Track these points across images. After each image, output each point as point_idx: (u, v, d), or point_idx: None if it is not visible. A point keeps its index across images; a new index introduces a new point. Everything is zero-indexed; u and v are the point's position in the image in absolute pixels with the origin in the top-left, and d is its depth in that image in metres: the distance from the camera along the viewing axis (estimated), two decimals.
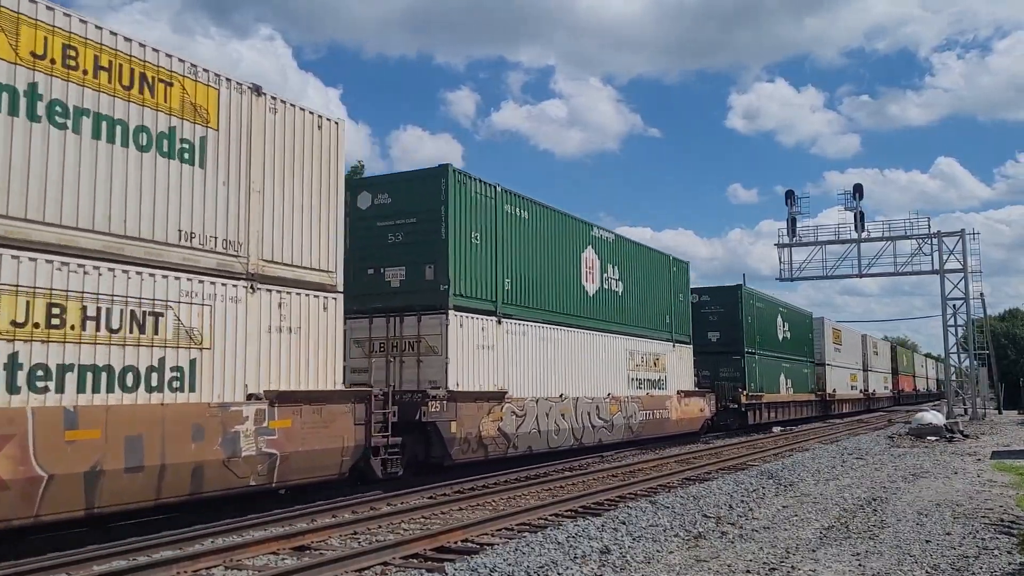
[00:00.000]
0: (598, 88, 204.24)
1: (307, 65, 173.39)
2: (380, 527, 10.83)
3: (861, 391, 53.22)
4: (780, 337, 37.49)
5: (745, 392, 31.65)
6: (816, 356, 44.00)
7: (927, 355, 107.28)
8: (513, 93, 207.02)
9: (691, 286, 28.39)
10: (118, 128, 9.71)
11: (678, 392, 25.92)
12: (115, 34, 9.83)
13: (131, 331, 9.52)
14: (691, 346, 27.79)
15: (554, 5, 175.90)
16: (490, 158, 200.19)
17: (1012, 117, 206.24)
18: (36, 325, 8.60)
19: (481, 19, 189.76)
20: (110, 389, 9.23)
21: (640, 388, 23.17)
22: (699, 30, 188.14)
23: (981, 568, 8.21)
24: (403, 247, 16.09)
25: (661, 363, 24.89)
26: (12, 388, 8.33)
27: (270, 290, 11.48)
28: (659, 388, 24.53)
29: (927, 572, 8.11)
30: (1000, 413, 52.25)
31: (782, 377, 36.79)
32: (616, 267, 22.38)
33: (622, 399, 21.89)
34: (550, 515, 11.70)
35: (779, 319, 37.82)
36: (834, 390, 45.54)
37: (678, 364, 26.34)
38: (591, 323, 20.73)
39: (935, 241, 42.24)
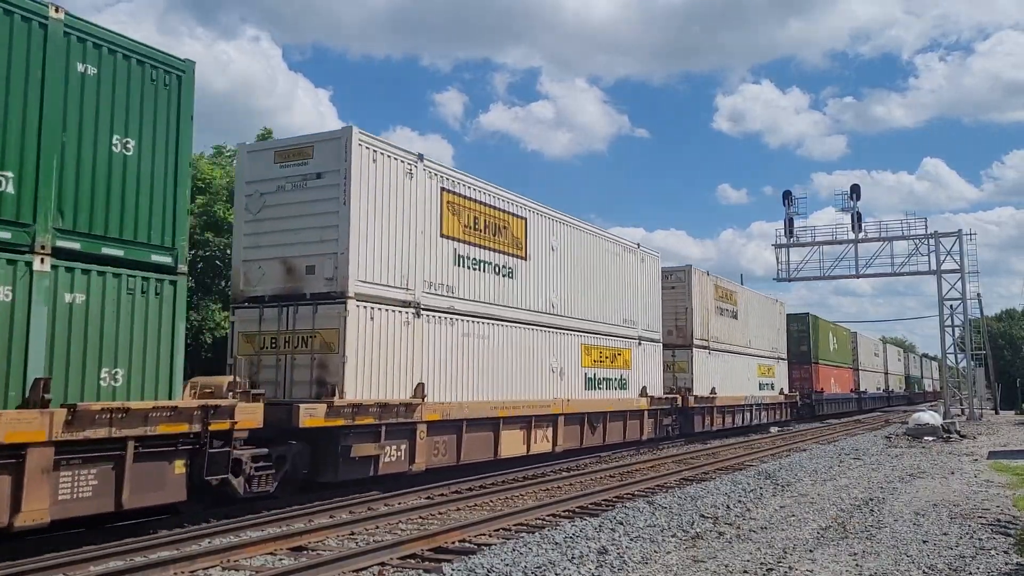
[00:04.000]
0: (584, 89, 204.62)
1: (296, 66, 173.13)
2: (378, 527, 10.83)
3: (667, 393, 25.67)
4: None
5: None
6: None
7: (884, 340, 76.53)
8: (500, 94, 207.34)
9: None
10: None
11: None
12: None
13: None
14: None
15: (537, 6, 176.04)
16: (480, 159, 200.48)
17: (996, 119, 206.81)
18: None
19: (464, 20, 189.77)
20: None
21: None
22: (684, 32, 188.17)
23: (978, 568, 8.22)
24: None
25: None
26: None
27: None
28: None
29: (924, 572, 8.12)
30: (997, 413, 52.35)
31: None
32: None
33: None
34: (547, 515, 11.71)
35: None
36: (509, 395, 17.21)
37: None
38: None
39: (932, 242, 42.36)
